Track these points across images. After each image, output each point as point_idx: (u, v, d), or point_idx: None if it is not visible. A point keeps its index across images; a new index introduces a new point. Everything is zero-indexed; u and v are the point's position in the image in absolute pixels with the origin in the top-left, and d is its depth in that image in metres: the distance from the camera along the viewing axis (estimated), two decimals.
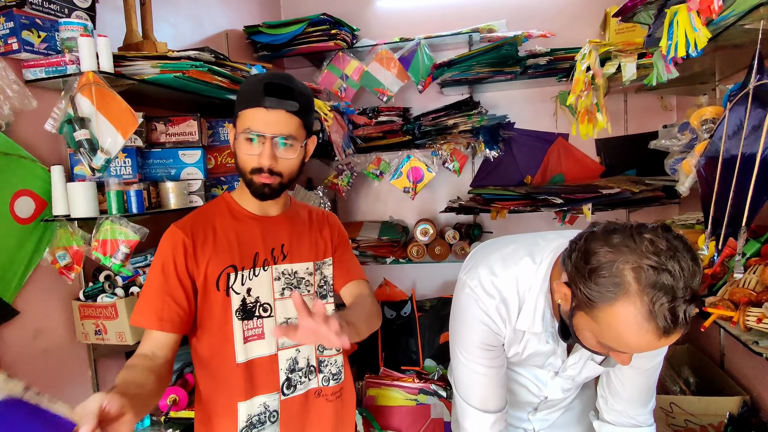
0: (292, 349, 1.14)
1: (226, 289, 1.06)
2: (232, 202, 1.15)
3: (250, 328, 1.08)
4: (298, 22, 2.36)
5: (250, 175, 1.05)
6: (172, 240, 1.05)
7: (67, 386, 1.45)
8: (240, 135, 1.04)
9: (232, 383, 1.07)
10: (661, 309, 0.72)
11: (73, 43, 1.31)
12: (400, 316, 2.49)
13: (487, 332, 1.02)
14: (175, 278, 1.03)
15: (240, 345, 1.07)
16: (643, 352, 0.80)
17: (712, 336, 2.14)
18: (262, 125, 1.01)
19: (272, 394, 1.10)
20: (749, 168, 1.05)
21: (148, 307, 1.02)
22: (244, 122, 1.03)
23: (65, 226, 1.36)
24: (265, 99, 1.00)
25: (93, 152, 1.28)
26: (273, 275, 1.12)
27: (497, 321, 1.01)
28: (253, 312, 1.09)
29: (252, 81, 1.05)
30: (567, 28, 2.43)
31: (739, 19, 1.11)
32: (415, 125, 2.47)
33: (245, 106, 1.03)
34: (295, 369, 1.14)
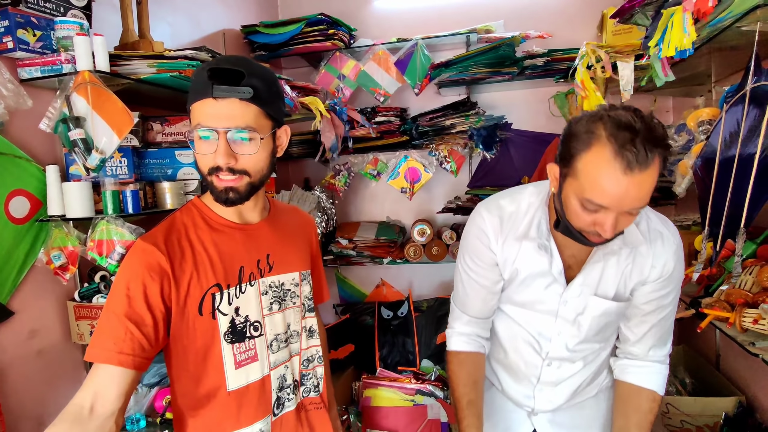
0: (281, 366, 1.03)
1: (211, 312, 0.92)
2: (205, 210, 0.99)
3: (242, 351, 0.95)
4: (295, 22, 2.35)
5: (209, 177, 0.91)
6: (146, 259, 0.87)
7: (62, 387, 1.44)
8: (192, 133, 0.90)
9: (222, 414, 0.94)
10: (623, 145, 0.84)
11: (68, 42, 1.30)
12: (397, 317, 2.49)
13: (479, 246, 1.15)
14: (143, 304, 0.85)
15: (231, 371, 0.94)
16: (619, 197, 0.87)
17: (708, 337, 2.14)
18: (212, 119, 0.87)
19: (265, 419, 0.99)
20: (747, 169, 1.06)
21: (105, 336, 0.84)
22: (194, 118, 0.89)
23: (60, 226, 1.36)
24: (212, 88, 0.85)
25: (88, 152, 1.27)
26: (260, 290, 1.00)
27: (490, 236, 1.13)
28: (244, 333, 0.96)
29: (199, 69, 0.90)
30: (564, 29, 2.44)
31: (736, 21, 1.12)
32: (412, 125, 2.47)
33: (194, 99, 0.89)
34: (284, 387, 1.04)
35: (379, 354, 2.39)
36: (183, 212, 0.99)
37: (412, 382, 2.11)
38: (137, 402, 1.50)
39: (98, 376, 0.83)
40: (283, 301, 1.05)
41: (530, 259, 1.11)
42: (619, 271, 1.09)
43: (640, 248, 1.08)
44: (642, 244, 1.06)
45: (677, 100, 2.47)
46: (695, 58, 1.49)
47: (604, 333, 1.18)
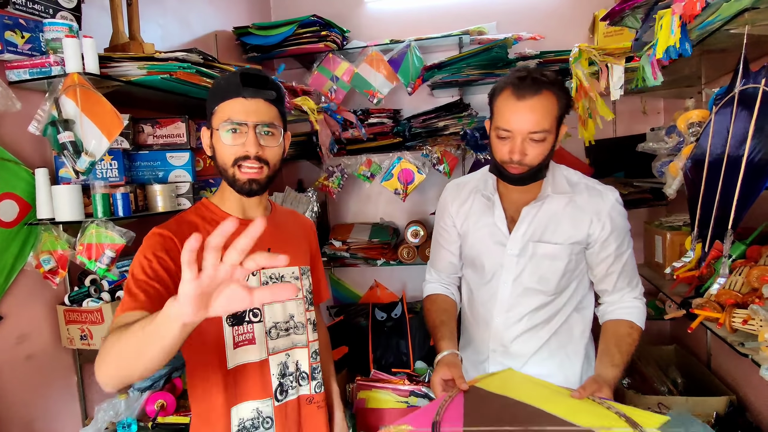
0: (282, 353, 1.11)
1: None
2: (213, 207, 1.11)
3: (240, 333, 1.05)
4: (288, 24, 2.35)
5: (233, 168, 1.02)
6: (159, 239, 0.99)
7: (52, 392, 1.43)
8: (220, 128, 1.01)
9: (223, 388, 1.04)
10: (517, 83, 1.13)
11: (57, 44, 1.29)
12: (391, 318, 2.49)
13: (441, 211, 1.43)
14: (162, 270, 0.96)
15: (230, 351, 1.04)
16: (516, 121, 1.13)
17: (700, 337, 2.16)
18: (243, 114, 1.00)
19: (265, 400, 1.07)
20: (735, 171, 1.06)
21: (135, 295, 0.92)
22: (222, 115, 1.01)
23: (50, 229, 1.34)
24: (243, 89, 1.00)
25: (77, 155, 1.26)
26: (261, 280, 1.09)
27: (448, 201, 1.40)
28: (243, 317, 1.06)
29: (226, 76, 1.05)
30: (556, 31, 2.45)
31: (724, 24, 1.13)
32: (405, 127, 2.47)
33: (222, 100, 1.02)
34: (286, 374, 1.11)
35: (373, 356, 2.39)
36: (192, 210, 1.11)
37: (406, 384, 2.11)
38: (128, 407, 1.49)
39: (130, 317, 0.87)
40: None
41: (479, 213, 1.33)
42: (558, 218, 1.25)
43: (577, 200, 1.25)
44: (568, 192, 1.25)
45: (668, 102, 2.49)
46: (685, 61, 1.50)
47: (556, 283, 1.27)
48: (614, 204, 1.25)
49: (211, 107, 1.04)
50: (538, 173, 1.21)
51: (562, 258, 1.25)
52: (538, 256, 1.25)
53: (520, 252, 1.26)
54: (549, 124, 1.13)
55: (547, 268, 1.26)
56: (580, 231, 1.25)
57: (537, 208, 1.26)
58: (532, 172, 1.19)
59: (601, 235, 1.24)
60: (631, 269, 1.30)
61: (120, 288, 1.48)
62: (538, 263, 1.26)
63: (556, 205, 1.25)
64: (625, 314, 1.27)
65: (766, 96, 1.01)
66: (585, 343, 1.36)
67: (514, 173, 1.18)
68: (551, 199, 1.25)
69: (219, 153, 1.04)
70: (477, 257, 1.34)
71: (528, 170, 1.17)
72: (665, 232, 1.95)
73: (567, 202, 1.25)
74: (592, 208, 1.24)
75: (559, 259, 1.25)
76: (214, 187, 1.82)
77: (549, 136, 1.15)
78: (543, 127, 1.12)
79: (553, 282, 1.26)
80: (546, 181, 1.26)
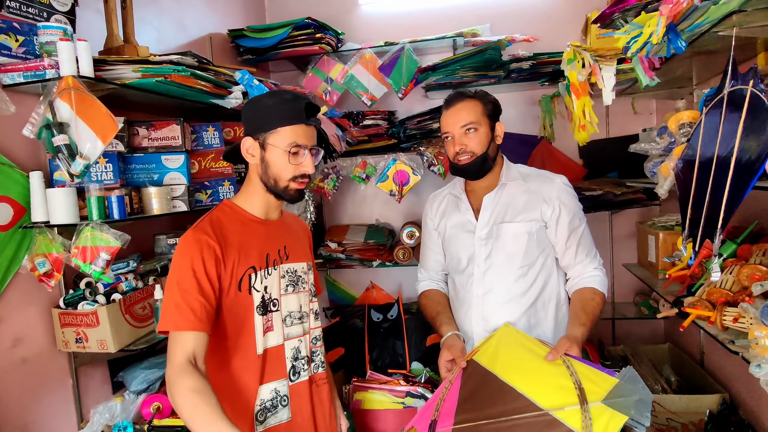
0: (295, 339, 1.25)
1: (248, 289, 1.16)
2: (237, 209, 1.22)
3: (267, 321, 1.19)
4: (283, 26, 2.35)
5: (289, 182, 1.18)
6: (202, 245, 1.09)
7: (47, 395, 1.42)
8: (282, 147, 1.15)
9: (251, 371, 1.16)
10: (447, 97, 1.45)
11: (52, 47, 1.29)
12: (387, 319, 2.49)
13: (424, 218, 1.64)
14: (207, 281, 1.08)
15: (260, 337, 1.17)
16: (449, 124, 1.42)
17: (693, 336, 2.18)
18: (304, 139, 1.17)
19: (282, 381, 1.21)
20: (724, 171, 1.08)
21: (183, 309, 1.04)
22: (286, 137, 1.15)
23: (44, 232, 1.34)
24: (307, 118, 1.17)
25: (72, 158, 1.26)
26: (280, 273, 1.23)
27: (428, 209, 1.63)
28: (269, 308, 1.20)
29: (286, 100, 1.17)
30: (550, 33, 2.46)
31: (713, 27, 1.14)
32: (400, 129, 2.48)
33: (287, 123, 1.15)
34: (298, 357, 1.25)
35: (369, 357, 2.39)
36: (219, 211, 1.21)
37: (402, 385, 2.11)
38: (124, 409, 1.49)
39: (187, 341, 1.03)
40: (297, 284, 1.28)
41: (451, 210, 1.55)
42: (516, 201, 1.45)
43: (531, 186, 1.46)
44: (519, 179, 1.46)
45: (660, 103, 2.51)
46: (677, 62, 1.52)
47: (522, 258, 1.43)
48: (561, 186, 1.45)
49: (269, 126, 1.16)
50: (484, 163, 1.42)
51: (522, 235, 1.43)
52: (502, 236, 1.44)
53: (487, 235, 1.46)
54: (475, 118, 1.39)
55: (512, 245, 1.43)
56: (535, 210, 1.44)
57: (496, 195, 1.46)
58: (479, 161, 1.41)
59: (554, 214, 1.43)
60: (587, 242, 1.47)
61: (115, 291, 1.48)
62: (504, 242, 1.44)
63: (513, 191, 1.46)
64: (587, 283, 1.44)
65: (753, 97, 1.03)
66: (559, 314, 1.50)
67: (463, 163, 1.41)
68: (507, 187, 1.47)
69: (275, 167, 1.17)
70: (454, 249, 1.52)
71: (474, 158, 1.40)
72: (658, 232, 1.97)
73: (522, 188, 1.46)
74: (544, 190, 1.44)
75: (520, 237, 1.43)
76: (210, 189, 1.82)
77: (479, 127, 1.39)
78: (469, 120, 1.39)
79: (519, 257, 1.43)
80: (501, 173, 1.48)
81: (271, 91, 1.22)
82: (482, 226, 1.46)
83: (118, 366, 1.63)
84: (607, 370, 1.13)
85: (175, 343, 1.04)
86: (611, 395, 1.05)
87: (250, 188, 1.23)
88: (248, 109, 1.21)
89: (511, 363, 1.25)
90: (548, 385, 1.14)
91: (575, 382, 1.11)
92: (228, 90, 1.74)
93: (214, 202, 1.82)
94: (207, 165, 1.82)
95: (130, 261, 1.57)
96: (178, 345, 1.03)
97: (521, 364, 1.24)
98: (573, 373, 1.14)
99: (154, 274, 1.67)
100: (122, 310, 1.46)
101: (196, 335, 1.04)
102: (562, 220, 1.43)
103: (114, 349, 1.41)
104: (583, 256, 1.45)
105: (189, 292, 1.05)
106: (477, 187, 1.50)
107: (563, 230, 1.44)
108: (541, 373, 1.19)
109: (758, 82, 1.03)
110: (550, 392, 1.11)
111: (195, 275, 1.07)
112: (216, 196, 1.83)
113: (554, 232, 1.45)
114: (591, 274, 1.45)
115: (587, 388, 1.09)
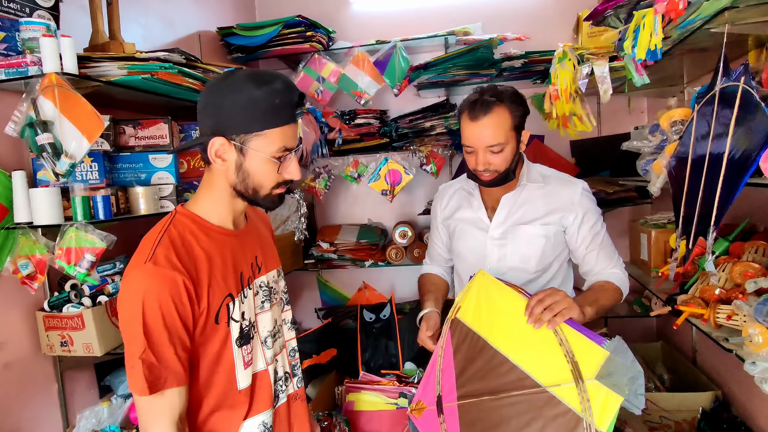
0: (274, 360, 1.09)
1: (227, 321, 0.96)
2: (197, 219, 0.98)
3: (248, 352, 1.01)
4: (273, 24, 2.33)
5: (271, 189, 0.99)
6: (170, 285, 0.87)
7: (32, 400, 1.39)
8: (271, 154, 0.94)
9: (233, 411, 1.00)
10: (470, 106, 1.29)
11: (34, 43, 1.26)
12: (380, 320, 2.47)
13: (433, 209, 1.61)
14: (182, 328, 0.89)
15: (241, 372, 0.99)
16: (474, 139, 1.29)
17: (685, 333, 2.18)
18: (293, 140, 0.97)
19: (268, 411, 1.05)
20: (716, 168, 1.07)
21: (162, 366, 0.86)
22: (275, 141, 0.94)
23: (27, 233, 1.31)
24: (296, 113, 0.96)
25: (57, 157, 1.23)
26: (254, 291, 1.05)
27: (437, 203, 1.58)
28: (249, 335, 1.01)
29: (278, 91, 0.93)
30: (541, 32, 2.46)
31: (705, 23, 1.14)
32: (392, 127, 2.47)
33: (278, 123, 0.93)
34: (277, 379, 1.10)
35: (362, 357, 2.37)
36: (176, 224, 0.95)
37: (395, 385, 2.10)
38: (111, 414, 1.46)
39: (170, 400, 0.88)
40: (270, 298, 1.10)
41: (462, 206, 1.49)
42: (535, 203, 1.39)
43: (551, 188, 1.39)
44: (540, 180, 1.40)
45: (651, 101, 2.52)
46: (668, 60, 1.51)
47: (537, 261, 1.39)
48: (583, 191, 1.40)
49: (254, 126, 0.92)
50: (507, 177, 1.35)
51: (539, 238, 1.38)
52: (518, 238, 1.39)
53: (501, 236, 1.40)
54: (503, 137, 1.28)
55: (528, 248, 1.38)
56: (554, 214, 1.38)
57: (515, 196, 1.40)
58: (502, 177, 1.34)
59: (576, 220, 1.38)
60: (609, 246, 1.41)
61: (101, 293, 1.45)
62: (519, 244, 1.39)
63: (533, 193, 1.40)
64: (604, 277, 1.38)
65: (745, 94, 1.02)
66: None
67: (486, 180, 1.34)
68: (527, 188, 1.40)
69: (258, 176, 0.96)
70: (463, 246, 1.48)
71: (497, 176, 1.33)
72: (650, 230, 1.97)
73: (541, 190, 1.40)
74: (565, 195, 1.38)
75: (537, 239, 1.38)
76: None
77: (506, 146, 1.29)
78: (498, 141, 1.28)
79: (534, 260, 1.39)
80: (521, 173, 1.41)
81: (254, 75, 0.93)
82: (496, 225, 1.41)
83: (105, 370, 1.60)
84: (596, 338, 1.07)
85: (157, 406, 0.87)
86: (604, 371, 1.00)
87: (214, 194, 0.99)
88: (221, 96, 0.92)
89: (496, 324, 1.18)
90: (540, 355, 1.09)
91: (567, 353, 1.06)
92: None
93: None
94: (196, 164, 1.79)
95: (117, 262, 1.54)
96: (164, 409, 0.87)
97: (507, 326, 1.17)
98: (563, 342, 1.08)
99: None
100: (109, 312, 1.42)
101: (181, 390, 0.89)
102: (584, 227, 1.38)
103: (100, 352, 1.37)
104: (606, 258, 1.39)
105: (162, 346, 0.86)
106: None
107: (585, 236, 1.38)
108: (530, 341, 1.12)
109: (750, 79, 1.02)
110: (545, 365, 1.07)
111: (166, 326, 0.86)
112: None
113: (575, 238, 1.39)
114: (609, 272, 1.39)
115: (580, 361, 1.04)
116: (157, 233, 0.93)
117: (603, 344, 1.05)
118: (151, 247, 0.89)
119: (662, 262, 1.91)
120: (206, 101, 0.95)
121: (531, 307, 1.13)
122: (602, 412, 0.97)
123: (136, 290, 0.86)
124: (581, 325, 1.12)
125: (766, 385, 1.06)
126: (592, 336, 1.07)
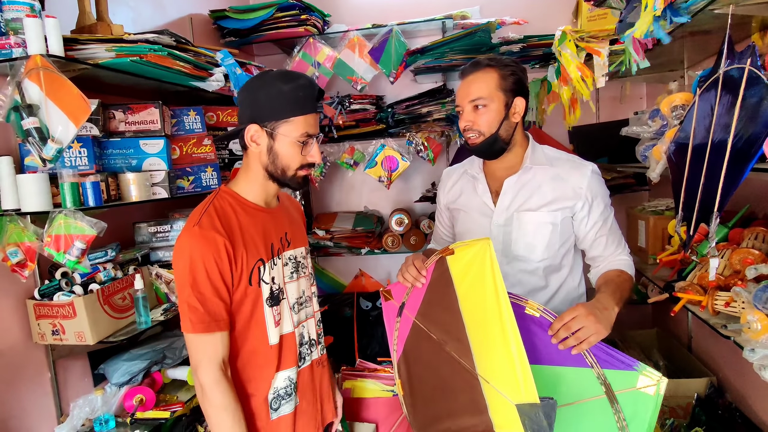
0: (301, 325, 1.25)
1: (258, 281, 1.14)
2: (239, 198, 1.17)
3: (278, 312, 1.18)
4: (266, 7, 2.28)
5: (296, 170, 1.16)
6: (213, 245, 1.06)
7: (25, 389, 1.37)
8: (296, 138, 1.12)
9: (265, 362, 1.17)
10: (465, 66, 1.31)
11: (18, 24, 1.22)
12: (376, 307, 2.47)
13: (438, 193, 1.57)
14: (221, 282, 1.07)
15: (272, 329, 1.16)
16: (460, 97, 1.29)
17: (681, 320, 2.19)
18: (314, 127, 1.15)
19: (293, 368, 1.21)
20: (719, 153, 1.05)
21: (203, 312, 1.05)
22: (299, 127, 1.12)
23: (15, 221, 1.28)
24: (317, 104, 1.15)
25: (43, 142, 1.19)
26: (283, 262, 1.22)
27: (441, 188, 1.54)
28: (279, 298, 1.19)
29: (302, 86, 1.12)
30: (540, 16, 2.42)
31: (709, 4, 1.11)
32: (388, 113, 2.43)
33: (302, 112, 1.12)
34: (303, 343, 1.25)
35: (359, 345, 2.37)
36: (218, 200, 1.15)
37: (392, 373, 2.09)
38: (105, 402, 1.44)
39: (215, 343, 1.07)
40: (298, 270, 1.27)
41: (466, 191, 1.44)
42: (542, 188, 1.32)
43: (559, 171, 1.32)
44: (546, 163, 1.33)
45: (651, 86, 2.49)
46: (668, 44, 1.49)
47: (543, 249, 1.32)
48: (593, 174, 1.33)
49: (282, 114, 1.11)
50: (495, 143, 1.29)
51: (546, 225, 1.31)
52: (524, 225, 1.33)
53: (505, 222, 1.35)
54: (486, 93, 1.26)
55: (534, 235, 1.32)
56: (562, 200, 1.31)
57: (519, 180, 1.34)
58: (488, 142, 1.28)
59: (585, 206, 1.32)
60: (617, 231, 1.37)
61: (93, 281, 1.43)
62: (525, 231, 1.33)
63: (540, 176, 1.33)
64: (613, 266, 1.33)
65: (751, 76, 1.00)
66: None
67: (473, 143, 1.30)
68: (533, 171, 1.33)
69: (285, 157, 1.14)
70: (467, 232, 1.43)
71: (484, 139, 1.28)
72: (648, 217, 1.96)
73: (549, 173, 1.33)
74: (574, 179, 1.31)
75: (544, 227, 1.31)
76: (192, 176, 1.76)
77: (491, 103, 1.26)
78: (480, 95, 1.26)
79: (540, 248, 1.32)
80: (525, 155, 1.34)
81: (283, 74, 1.14)
82: (501, 211, 1.35)
83: (99, 358, 1.58)
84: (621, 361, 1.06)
85: (202, 345, 1.06)
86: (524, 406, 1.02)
87: (250, 175, 1.18)
88: (255, 91, 1.12)
89: (472, 295, 1.15)
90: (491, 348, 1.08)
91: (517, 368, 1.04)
92: (209, 72, 1.68)
93: (196, 189, 1.76)
94: (189, 150, 1.76)
95: (108, 250, 1.51)
96: (207, 349, 1.06)
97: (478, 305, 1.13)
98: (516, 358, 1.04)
99: (134, 263, 1.62)
100: (100, 300, 1.40)
101: (223, 335, 1.08)
102: (593, 213, 1.32)
103: (92, 341, 1.36)
104: (613, 247, 1.34)
105: (206, 295, 1.06)
106: (496, 168, 1.37)
107: (594, 222, 1.33)
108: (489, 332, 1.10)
109: (756, 60, 1.00)
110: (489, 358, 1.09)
111: (209, 278, 1.05)
112: (199, 183, 1.77)
113: (584, 224, 1.33)
114: (616, 259, 1.34)
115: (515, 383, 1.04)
116: (203, 206, 1.13)
117: (635, 366, 1.05)
118: (199, 216, 1.10)
119: (660, 249, 1.90)
120: (243, 96, 1.15)
121: (556, 330, 1.08)
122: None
123: (185, 248, 1.06)
124: (608, 347, 1.09)
125: (765, 372, 1.06)
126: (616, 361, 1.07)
